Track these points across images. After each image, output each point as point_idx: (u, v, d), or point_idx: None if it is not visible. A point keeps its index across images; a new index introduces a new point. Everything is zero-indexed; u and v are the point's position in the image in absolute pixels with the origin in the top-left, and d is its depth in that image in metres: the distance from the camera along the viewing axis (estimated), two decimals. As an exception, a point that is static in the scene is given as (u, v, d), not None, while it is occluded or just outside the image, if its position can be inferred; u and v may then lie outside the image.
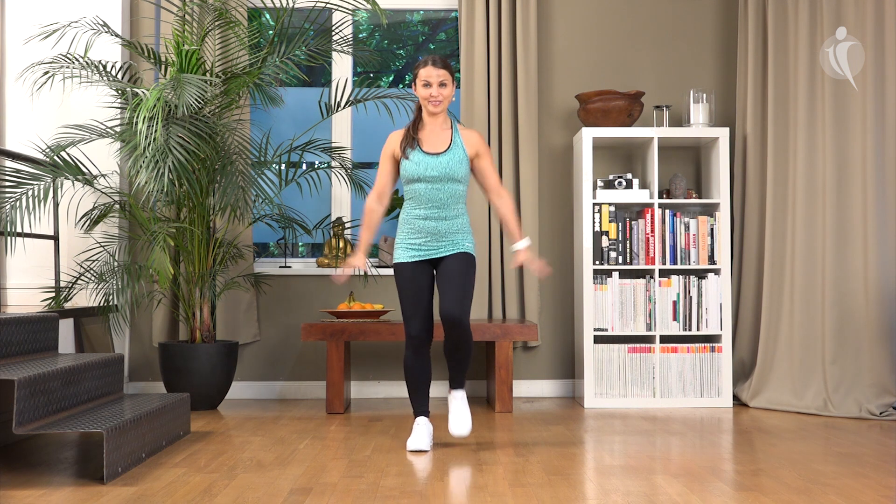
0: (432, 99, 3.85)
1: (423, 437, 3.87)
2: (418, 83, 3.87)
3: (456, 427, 3.89)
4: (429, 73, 3.83)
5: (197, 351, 4.97)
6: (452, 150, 3.86)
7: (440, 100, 3.84)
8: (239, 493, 3.07)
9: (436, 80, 3.83)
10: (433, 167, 3.82)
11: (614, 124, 5.30)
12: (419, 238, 3.87)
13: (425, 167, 3.82)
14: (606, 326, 5.19)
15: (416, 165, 3.82)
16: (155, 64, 5.22)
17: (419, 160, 3.83)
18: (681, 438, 4.15)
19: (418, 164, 3.82)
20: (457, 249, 3.87)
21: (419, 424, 3.93)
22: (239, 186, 4.90)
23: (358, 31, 6.04)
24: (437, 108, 3.86)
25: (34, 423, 3.33)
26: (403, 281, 3.88)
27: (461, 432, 3.89)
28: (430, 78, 3.83)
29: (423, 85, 3.86)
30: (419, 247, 3.87)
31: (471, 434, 4.22)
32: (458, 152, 3.86)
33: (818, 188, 5.03)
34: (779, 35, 5.21)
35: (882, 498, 3.00)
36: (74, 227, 5.15)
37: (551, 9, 5.70)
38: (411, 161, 3.83)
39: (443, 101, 3.85)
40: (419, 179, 3.83)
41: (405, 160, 3.85)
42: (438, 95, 3.84)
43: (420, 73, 3.86)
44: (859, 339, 4.87)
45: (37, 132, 5.24)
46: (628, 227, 5.23)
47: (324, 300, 5.64)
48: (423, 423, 3.93)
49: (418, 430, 3.91)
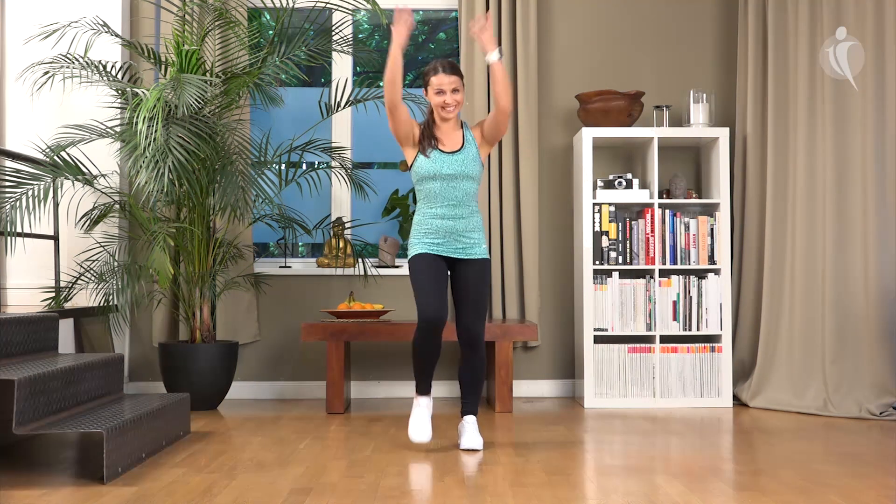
0: (446, 106, 3.86)
1: (423, 423, 3.85)
2: (430, 90, 3.88)
3: (468, 442, 3.87)
4: (441, 81, 3.85)
5: (197, 351, 4.97)
6: (466, 148, 3.89)
7: (454, 106, 3.87)
8: (239, 494, 3.07)
9: (448, 88, 3.85)
10: (449, 164, 3.84)
11: (614, 124, 5.30)
12: (436, 238, 3.87)
13: (441, 164, 3.84)
14: (606, 326, 5.19)
15: (433, 163, 3.84)
16: (155, 64, 5.22)
17: (436, 158, 3.85)
18: (681, 438, 4.15)
19: (435, 161, 3.84)
20: (473, 255, 3.88)
21: (420, 405, 3.90)
22: (239, 186, 4.90)
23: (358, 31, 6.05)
24: (450, 115, 3.89)
25: (34, 423, 3.33)
26: (420, 266, 3.83)
27: (475, 445, 3.86)
28: (442, 85, 3.85)
29: (436, 92, 3.87)
30: (436, 244, 3.86)
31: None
32: (472, 150, 3.90)
33: (818, 188, 5.03)
34: (779, 35, 5.21)
35: (882, 498, 3.00)
36: (74, 227, 5.15)
37: (551, 9, 5.70)
38: (430, 159, 3.85)
39: (456, 107, 3.88)
40: (434, 177, 3.84)
41: (423, 158, 3.86)
42: (452, 102, 3.86)
43: (432, 80, 3.87)
44: (859, 339, 4.87)
45: (37, 132, 5.24)
46: (628, 227, 5.23)
47: (324, 300, 5.64)
48: (424, 404, 3.91)
49: (418, 412, 3.88)
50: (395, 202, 5.85)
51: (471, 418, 3.95)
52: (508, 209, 5.50)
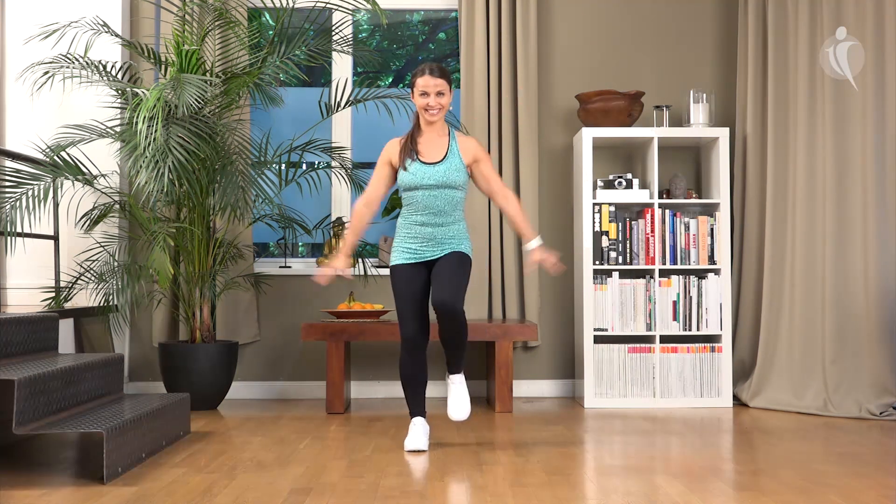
0: (430, 109, 3.85)
1: (419, 437, 3.88)
2: (416, 92, 3.87)
3: (455, 411, 3.93)
4: (426, 83, 3.84)
5: (197, 351, 4.97)
6: (449, 158, 3.86)
7: (437, 109, 3.85)
8: (239, 494, 3.07)
9: (433, 90, 3.84)
10: (430, 176, 3.83)
11: (614, 124, 5.30)
12: (415, 243, 3.88)
13: (422, 176, 3.83)
14: (606, 326, 5.19)
15: (413, 176, 3.84)
16: (155, 64, 5.22)
17: (416, 170, 3.84)
18: (681, 438, 4.15)
19: (415, 174, 3.83)
20: (452, 250, 3.88)
21: (415, 425, 3.93)
22: (239, 186, 4.90)
23: (358, 31, 6.04)
24: (434, 118, 3.87)
25: (34, 423, 3.33)
26: (399, 283, 3.89)
27: (460, 416, 3.93)
28: (427, 88, 3.84)
29: (420, 94, 3.86)
30: (415, 251, 3.88)
31: (471, 434, 4.22)
32: (455, 161, 3.87)
33: (818, 188, 5.03)
34: (779, 35, 5.21)
35: (882, 498, 3.00)
36: (74, 227, 5.15)
37: (551, 9, 5.70)
38: (409, 172, 3.85)
39: (440, 111, 3.86)
40: (417, 188, 3.84)
41: (403, 171, 3.86)
42: (436, 105, 3.85)
43: (417, 82, 3.86)
44: (859, 339, 4.87)
45: (37, 132, 5.24)
46: (628, 227, 5.23)
47: (324, 300, 5.64)
48: (419, 424, 3.93)
49: (415, 430, 3.91)
50: (395, 202, 5.84)
51: (457, 377, 3.95)
52: (508, 209, 5.50)
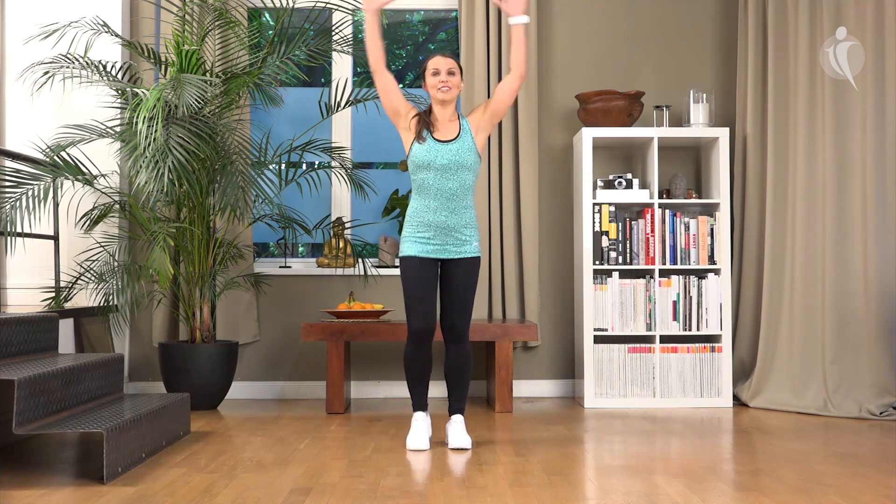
0: (442, 85, 3.85)
1: (422, 435, 3.89)
2: (427, 73, 3.90)
3: (455, 440, 3.88)
4: (437, 62, 3.88)
5: (197, 351, 4.97)
6: (462, 137, 3.87)
7: (449, 86, 3.85)
8: (239, 493, 3.07)
9: (444, 68, 3.87)
10: (443, 154, 3.82)
11: (614, 124, 5.30)
12: (428, 232, 3.87)
13: (435, 154, 3.82)
14: (606, 326, 5.19)
15: (427, 151, 3.82)
16: (155, 64, 5.22)
17: (430, 146, 3.83)
18: (681, 438, 4.15)
19: (429, 150, 3.82)
20: (464, 253, 3.88)
21: (417, 420, 3.94)
22: (239, 186, 4.90)
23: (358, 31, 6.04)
24: (446, 95, 3.86)
25: (34, 423, 3.33)
26: (410, 274, 3.87)
27: (462, 445, 3.87)
28: (438, 66, 3.87)
29: (432, 73, 3.88)
30: (427, 241, 3.87)
31: (471, 434, 4.21)
32: (468, 140, 3.88)
33: (818, 188, 5.03)
34: (779, 35, 5.21)
35: (882, 498, 3.00)
36: (74, 227, 5.15)
37: (551, 9, 5.70)
38: (424, 146, 3.83)
39: (452, 88, 3.86)
40: (428, 167, 3.82)
41: (418, 144, 3.85)
42: (448, 81, 3.85)
43: (428, 63, 3.90)
44: (859, 339, 4.87)
45: (37, 132, 5.24)
46: (628, 227, 5.23)
47: (324, 300, 5.64)
48: (421, 419, 3.95)
49: (417, 426, 3.92)
50: (395, 202, 5.84)
51: (458, 417, 3.96)
52: (508, 209, 5.50)
